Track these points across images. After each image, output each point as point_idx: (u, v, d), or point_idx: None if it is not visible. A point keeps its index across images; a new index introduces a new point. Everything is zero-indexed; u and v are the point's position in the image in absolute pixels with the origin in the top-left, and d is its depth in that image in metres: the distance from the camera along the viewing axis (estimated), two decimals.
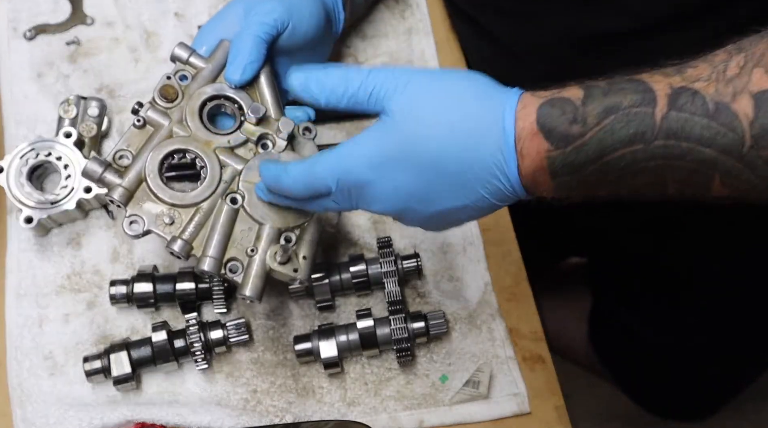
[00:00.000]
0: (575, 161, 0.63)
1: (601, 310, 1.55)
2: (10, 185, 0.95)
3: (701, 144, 0.60)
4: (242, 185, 0.83)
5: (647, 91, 0.62)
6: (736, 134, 0.59)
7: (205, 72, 0.87)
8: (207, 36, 0.91)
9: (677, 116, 0.60)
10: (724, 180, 0.61)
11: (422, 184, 0.68)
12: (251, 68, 0.86)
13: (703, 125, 0.60)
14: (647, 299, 1.37)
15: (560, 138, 0.64)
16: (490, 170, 0.66)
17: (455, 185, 0.67)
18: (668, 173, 0.62)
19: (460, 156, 0.66)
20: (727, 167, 0.60)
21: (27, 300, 0.96)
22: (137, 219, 0.81)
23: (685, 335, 1.33)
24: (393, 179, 0.68)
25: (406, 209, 0.70)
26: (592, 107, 0.63)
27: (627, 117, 0.62)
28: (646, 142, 0.61)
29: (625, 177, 0.63)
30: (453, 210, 0.69)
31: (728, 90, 0.59)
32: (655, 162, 0.61)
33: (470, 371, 0.94)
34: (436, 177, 0.67)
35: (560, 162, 0.64)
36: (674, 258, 1.25)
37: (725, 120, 0.59)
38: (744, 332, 1.32)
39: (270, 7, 0.87)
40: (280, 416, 0.92)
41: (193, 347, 0.90)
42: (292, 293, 0.95)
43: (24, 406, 0.91)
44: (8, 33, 1.10)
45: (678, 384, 1.48)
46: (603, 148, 0.62)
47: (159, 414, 0.89)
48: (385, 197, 0.69)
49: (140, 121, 0.84)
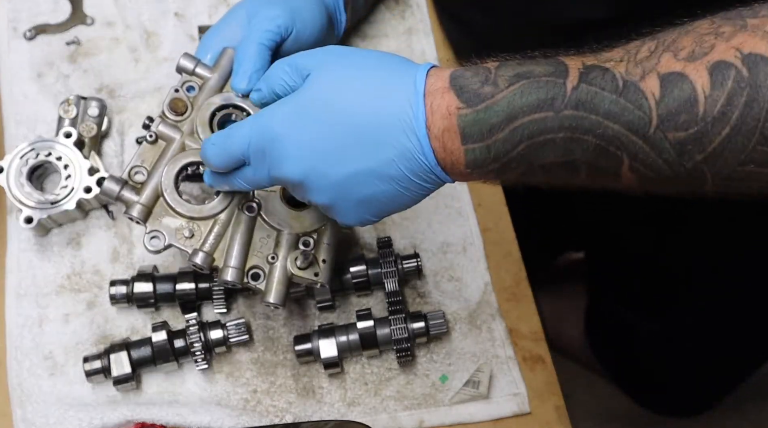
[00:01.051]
0: (484, 121, 0.63)
1: (598, 306, 1.55)
2: (10, 185, 0.95)
3: (609, 118, 0.60)
4: (257, 193, 0.83)
5: (560, 64, 0.63)
6: (642, 112, 0.59)
7: (212, 82, 0.87)
8: (210, 43, 0.91)
9: (587, 89, 0.60)
10: (632, 163, 0.60)
11: (331, 138, 0.67)
12: (257, 76, 0.86)
13: (612, 100, 0.60)
14: (644, 296, 1.37)
15: (471, 96, 0.64)
16: (398, 125, 0.65)
17: (364, 141, 0.66)
18: (577, 150, 0.61)
19: (370, 110, 0.66)
20: (635, 148, 0.60)
21: (27, 300, 0.96)
22: (158, 234, 0.81)
23: (682, 331, 1.34)
24: (301, 132, 0.68)
25: (314, 171, 0.68)
26: (504, 71, 0.64)
27: (537, 83, 0.62)
28: (555, 110, 0.61)
29: (534, 149, 0.62)
30: (364, 176, 0.67)
31: (637, 70, 0.60)
32: (563, 134, 0.61)
33: (470, 371, 0.94)
34: (345, 130, 0.66)
35: (470, 121, 0.63)
36: (672, 255, 1.25)
37: (633, 98, 0.59)
38: (741, 328, 1.32)
39: (273, 14, 0.88)
40: (280, 416, 0.92)
41: (193, 347, 0.90)
42: (292, 293, 0.95)
43: (24, 406, 0.91)
44: (8, 33, 1.10)
45: (673, 381, 1.48)
46: (512, 110, 0.62)
47: (159, 414, 0.89)
48: (293, 153, 0.68)
49: (152, 136, 0.84)
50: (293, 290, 0.94)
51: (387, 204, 0.69)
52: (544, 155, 0.63)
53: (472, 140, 0.64)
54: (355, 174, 0.67)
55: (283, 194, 0.84)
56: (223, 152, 0.72)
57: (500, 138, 0.63)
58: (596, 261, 1.55)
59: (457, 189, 1.04)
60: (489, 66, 0.65)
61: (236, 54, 0.87)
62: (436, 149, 0.65)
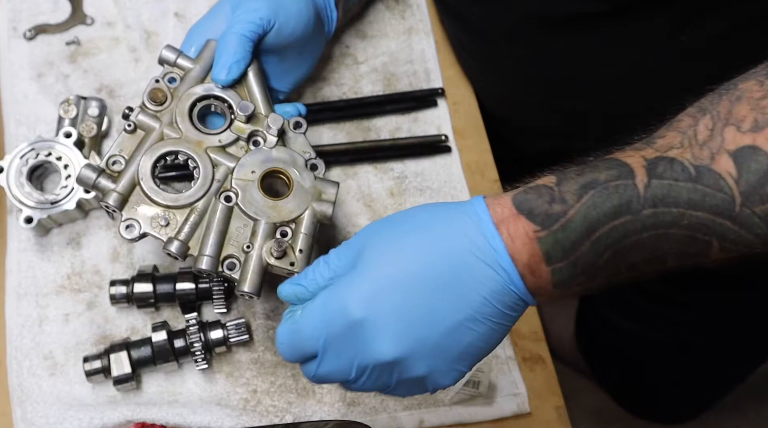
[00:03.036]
0: (564, 240, 0.61)
1: (588, 310, 1.55)
2: (10, 185, 0.95)
3: (692, 208, 0.59)
4: (235, 182, 0.83)
5: (622, 166, 0.61)
6: (724, 194, 0.58)
7: (194, 73, 0.87)
8: (195, 36, 0.91)
9: (660, 184, 0.59)
10: (722, 244, 0.59)
11: (418, 304, 0.63)
12: (237, 67, 0.86)
13: (689, 188, 0.58)
14: (634, 298, 1.37)
15: (544, 218, 0.62)
16: (481, 263, 0.62)
17: (452, 291, 0.63)
18: (664, 245, 0.60)
19: (446, 259, 0.63)
20: (723, 230, 0.59)
21: (27, 300, 0.96)
22: (133, 223, 0.81)
23: (673, 332, 1.33)
24: (386, 310, 0.63)
25: (412, 341, 0.63)
26: (568, 187, 0.62)
27: (607, 190, 0.60)
28: (633, 212, 0.60)
29: (620, 254, 0.61)
30: (462, 327, 0.63)
31: (704, 153, 0.58)
32: (648, 233, 0.60)
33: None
34: (429, 290, 0.63)
35: (550, 243, 0.61)
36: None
37: (710, 182, 0.58)
38: (733, 333, 1.32)
39: (255, 6, 0.88)
40: (280, 416, 0.92)
41: (193, 347, 0.90)
42: None
43: (24, 406, 0.91)
44: (8, 33, 1.10)
45: (661, 386, 1.47)
46: (590, 223, 0.61)
47: (159, 414, 0.89)
48: (384, 333, 0.63)
49: (131, 125, 0.84)
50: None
51: (481, 348, 0.65)
52: (631, 258, 0.61)
53: (556, 260, 0.62)
54: (454, 327, 0.63)
55: (261, 183, 0.84)
56: (293, 350, 0.67)
57: (584, 252, 0.61)
58: None
59: (456, 188, 1.04)
60: (547, 183, 0.63)
61: (217, 45, 0.87)
62: (525, 275, 0.63)
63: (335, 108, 1.07)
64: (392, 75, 1.10)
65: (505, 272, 0.62)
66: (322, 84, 1.08)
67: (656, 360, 1.41)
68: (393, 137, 1.06)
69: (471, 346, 0.64)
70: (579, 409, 1.66)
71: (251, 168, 0.84)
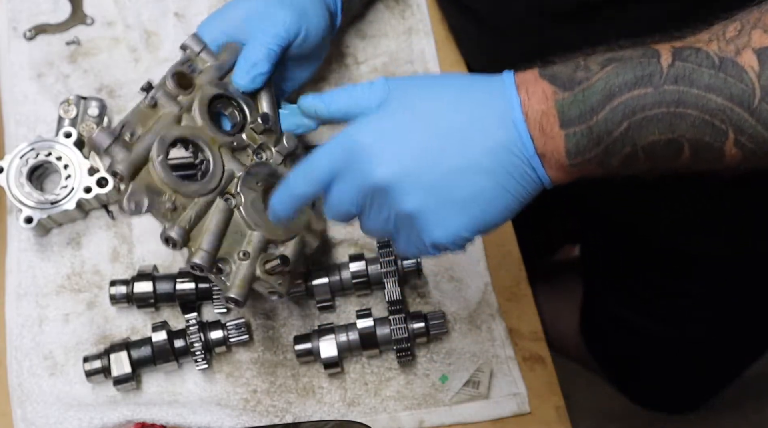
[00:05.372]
0: (583, 102, 0.62)
1: (592, 301, 1.55)
2: (10, 185, 0.95)
3: (712, 91, 0.60)
4: (241, 189, 0.83)
5: (649, 48, 0.62)
6: (745, 85, 0.59)
7: (213, 70, 0.87)
8: (209, 33, 0.90)
9: (683, 65, 0.60)
10: (737, 138, 0.60)
11: (423, 139, 0.65)
12: (261, 79, 0.87)
13: (711, 74, 0.59)
14: (639, 288, 1.37)
15: (565, 80, 0.63)
16: (493, 115, 0.64)
17: (458, 137, 0.64)
18: (681, 125, 0.61)
19: (460, 107, 0.65)
20: (740, 121, 0.59)
21: (27, 300, 0.96)
22: (139, 198, 0.79)
23: (677, 324, 1.33)
24: (391, 138, 0.65)
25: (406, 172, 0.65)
26: (594, 58, 0.64)
27: (632, 63, 0.62)
28: (654, 85, 0.61)
29: (637, 127, 0.61)
30: (460, 172, 0.64)
31: (730, 47, 0.60)
32: (666, 109, 0.60)
33: (470, 371, 0.94)
34: (437, 130, 0.65)
35: (568, 103, 0.62)
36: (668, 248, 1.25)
37: (732, 72, 0.59)
38: (736, 322, 1.32)
39: (283, 18, 0.88)
40: (280, 416, 0.92)
41: (193, 347, 0.90)
42: (292, 294, 0.95)
43: (24, 406, 0.91)
44: (8, 33, 1.10)
45: (667, 375, 1.48)
46: (610, 90, 0.62)
47: (159, 414, 0.89)
48: (383, 157, 0.65)
49: (153, 100, 0.83)
50: (293, 290, 0.94)
51: (484, 208, 0.65)
52: (647, 134, 0.62)
53: (571, 123, 0.63)
54: (451, 171, 0.64)
55: (264, 196, 0.84)
56: (307, 179, 0.69)
57: (601, 118, 0.62)
58: (591, 256, 1.55)
59: None
60: (575, 59, 0.65)
61: (243, 52, 0.87)
62: (535, 136, 0.63)
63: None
64: (392, 75, 1.10)
65: (514, 128, 0.63)
66: (322, 84, 1.08)
67: (662, 351, 1.41)
68: None
69: (471, 200, 0.65)
70: (579, 409, 1.66)
71: (257, 179, 0.84)
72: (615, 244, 1.38)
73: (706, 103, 0.60)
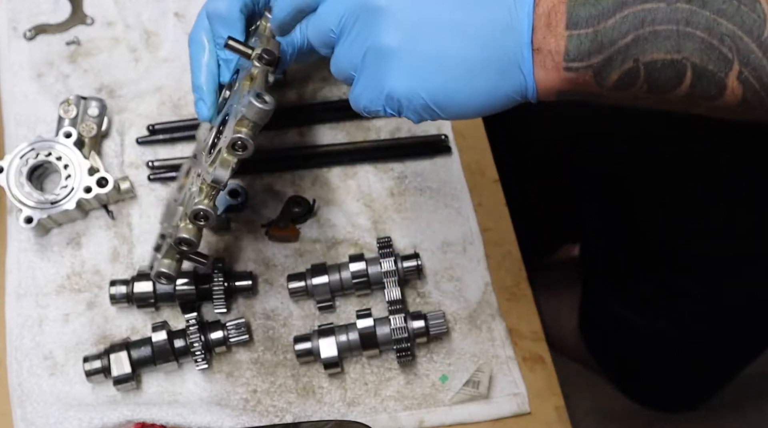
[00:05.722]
0: (594, 6, 0.61)
1: (592, 301, 1.55)
2: (10, 185, 0.95)
3: (722, 16, 0.59)
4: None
5: None
6: (757, 15, 0.58)
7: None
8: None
9: None
10: (741, 69, 0.59)
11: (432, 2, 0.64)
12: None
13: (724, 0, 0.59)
14: (639, 287, 1.37)
15: None
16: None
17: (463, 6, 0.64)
18: (688, 46, 0.60)
19: None
20: (747, 50, 0.59)
21: (27, 300, 0.96)
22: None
23: (677, 323, 1.33)
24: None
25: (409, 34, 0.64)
26: None
27: None
28: (667, 1, 0.60)
29: (642, 41, 0.61)
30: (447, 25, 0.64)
31: None
32: (674, 26, 0.60)
33: (470, 371, 0.94)
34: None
35: (580, 5, 0.61)
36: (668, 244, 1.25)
37: (745, 1, 0.59)
38: (736, 320, 1.32)
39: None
40: (280, 416, 0.92)
41: (193, 347, 0.90)
42: (292, 294, 0.95)
43: (24, 406, 0.91)
44: (8, 33, 1.10)
45: (667, 374, 1.48)
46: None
47: (159, 414, 0.89)
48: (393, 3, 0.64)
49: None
50: (294, 290, 0.94)
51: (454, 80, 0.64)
52: (652, 49, 0.61)
53: (578, 25, 0.62)
54: (443, 23, 0.64)
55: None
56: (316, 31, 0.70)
57: (609, 25, 0.61)
58: (591, 256, 1.55)
59: (457, 189, 1.04)
60: None
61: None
62: (538, 26, 0.62)
63: (335, 108, 1.07)
64: None
65: (523, 11, 0.62)
66: (322, 84, 1.08)
67: (662, 350, 1.41)
68: (393, 136, 1.06)
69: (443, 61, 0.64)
70: (579, 409, 1.66)
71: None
72: (615, 244, 1.39)
73: (716, 26, 0.59)
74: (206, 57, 0.87)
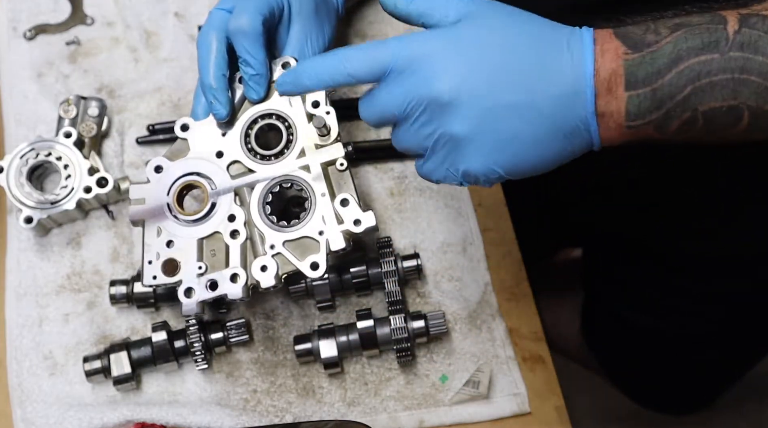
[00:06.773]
0: (650, 64, 0.64)
1: (594, 302, 1.55)
2: (10, 185, 0.95)
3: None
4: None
5: (716, 15, 0.64)
6: None
7: None
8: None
9: (749, 33, 0.62)
10: None
11: (490, 64, 0.66)
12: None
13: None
14: (640, 288, 1.37)
15: (636, 41, 0.64)
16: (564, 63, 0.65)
17: (526, 73, 0.65)
18: (744, 92, 0.62)
19: (535, 46, 0.66)
20: None
21: (27, 300, 0.96)
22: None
23: (679, 323, 1.33)
24: (459, 54, 0.66)
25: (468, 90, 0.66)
26: (664, 23, 0.65)
27: (699, 29, 0.63)
28: (720, 51, 0.62)
29: (700, 92, 0.63)
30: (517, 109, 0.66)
31: None
32: (730, 75, 0.62)
33: (470, 371, 0.94)
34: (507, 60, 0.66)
35: (636, 64, 0.64)
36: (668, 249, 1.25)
37: None
38: (738, 322, 1.32)
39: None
40: (280, 416, 0.92)
41: (193, 347, 0.90)
42: (292, 294, 0.95)
43: (24, 406, 0.91)
44: (8, 33, 1.10)
45: (670, 376, 1.48)
46: (678, 54, 0.63)
47: (159, 414, 0.89)
48: (447, 69, 0.66)
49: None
50: (293, 290, 0.94)
51: (527, 151, 0.67)
52: (709, 99, 0.63)
53: (637, 85, 0.64)
54: (510, 105, 0.66)
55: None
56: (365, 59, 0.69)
57: (666, 82, 0.63)
58: (592, 256, 1.55)
59: (456, 189, 1.04)
60: (646, 21, 0.66)
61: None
62: (600, 93, 0.65)
63: (335, 108, 1.07)
64: None
65: (584, 82, 0.64)
66: None
67: (663, 351, 1.41)
68: None
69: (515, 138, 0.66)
70: (579, 409, 1.66)
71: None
72: (615, 244, 1.38)
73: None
74: (216, 57, 0.87)
